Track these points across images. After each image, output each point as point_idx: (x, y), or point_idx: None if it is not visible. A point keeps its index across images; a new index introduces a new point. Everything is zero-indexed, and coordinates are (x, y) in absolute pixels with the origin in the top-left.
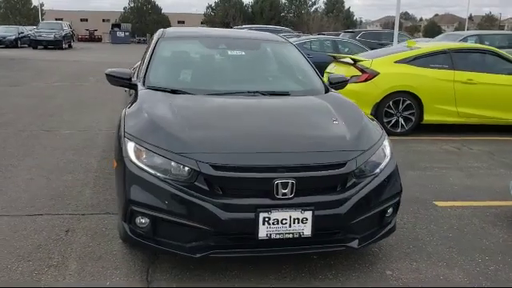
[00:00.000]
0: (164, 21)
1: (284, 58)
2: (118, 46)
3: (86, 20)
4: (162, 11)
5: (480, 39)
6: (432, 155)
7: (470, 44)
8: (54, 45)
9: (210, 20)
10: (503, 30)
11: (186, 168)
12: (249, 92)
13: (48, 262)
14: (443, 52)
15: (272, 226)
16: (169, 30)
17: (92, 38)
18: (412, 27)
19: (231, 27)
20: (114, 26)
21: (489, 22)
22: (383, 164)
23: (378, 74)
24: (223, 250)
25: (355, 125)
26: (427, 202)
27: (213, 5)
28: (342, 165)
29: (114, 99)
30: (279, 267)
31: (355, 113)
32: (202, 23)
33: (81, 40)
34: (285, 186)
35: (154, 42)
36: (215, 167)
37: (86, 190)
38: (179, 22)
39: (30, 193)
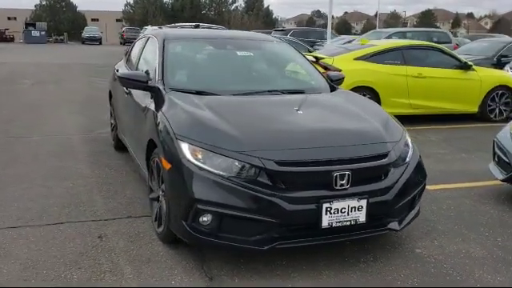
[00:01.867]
0: (79, 19)
1: (287, 57)
2: (35, 46)
3: None
4: (78, 9)
5: (403, 35)
6: None
7: (418, 41)
8: None
9: (128, 18)
10: (406, 26)
11: (249, 165)
12: (269, 91)
13: (100, 268)
14: (396, 49)
15: (333, 215)
16: (167, 31)
17: (3, 38)
18: (325, 25)
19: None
20: (28, 24)
21: (394, 19)
22: (410, 153)
23: (340, 70)
24: (288, 240)
25: (381, 118)
26: None
27: (131, 2)
28: (385, 155)
29: (63, 101)
30: (328, 254)
31: (375, 107)
32: (117, 20)
33: None
34: (342, 177)
35: (157, 43)
36: (279, 163)
37: (94, 196)
38: (93, 20)
39: (36, 202)
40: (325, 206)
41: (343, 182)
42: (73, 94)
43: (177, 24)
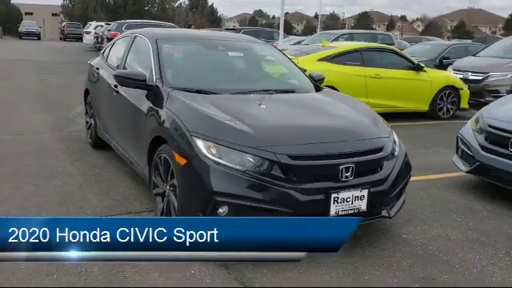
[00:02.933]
0: (14, 12)
1: (273, 58)
2: None
3: None
4: (11, 1)
5: (350, 37)
6: None
7: (376, 44)
8: None
9: (67, 12)
10: (344, 27)
11: (264, 159)
12: (264, 90)
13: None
14: (355, 51)
15: (340, 204)
16: (155, 30)
17: None
18: (266, 24)
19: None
20: None
21: (332, 20)
22: (397, 147)
23: (306, 71)
24: None
25: (371, 115)
26: None
27: None
28: (381, 149)
29: (20, 100)
30: None
31: (363, 105)
32: (54, 15)
33: None
34: (347, 169)
35: (149, 43)
36: (292, 157)
37: (87, 193)
38: (27, 14)
39: (31, 201)
40: (333, 196)
41: (348, 174)
42: (28, 93)
43: (127, 21)
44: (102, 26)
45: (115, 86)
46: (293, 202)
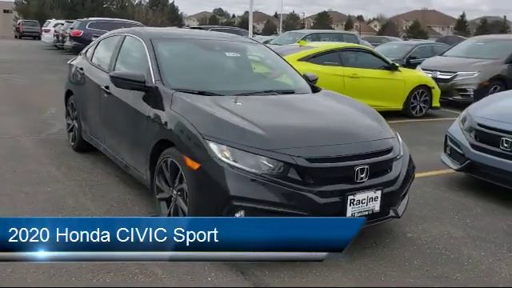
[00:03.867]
0: None
1: (270, 59)
2: None
3: None
4: None
5: (317, 37)
6: None
7: (353, 44)
8: None
9: (21, 9)
10: (304, 27)
11: (280, 162)
12: (265, 91)
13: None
14: (334, 51)
15: (355, 206)
16: (148, 30)
17: None
18: (227, 23)
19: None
20: None
21: (292, 20)
22: (401, 147)
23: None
24: None
25: (375, 116)
26: None
27: None
28: (390, 150)
29: None
30: None
31: (365, 106)
32: (5, 11)
33: None
34: (362, 171)
35: (143, 43)
36: (310, 160)
37: (81, 199)
38: None
39: (24, 209)
40: (349, 197)
41: (363, 175)
42: None
43: (90, 19)
44: (62, 24)
45: (106, 88)
46: (311, 205)
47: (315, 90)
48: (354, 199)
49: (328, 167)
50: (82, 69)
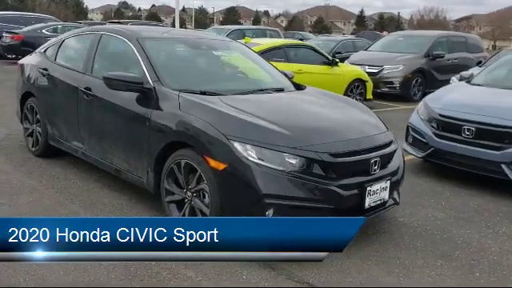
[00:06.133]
0: None
1: (251, 57)
2: None
3: None
4: None
5: (242, 32)
6: None
7: (296, 41)
8: None
9: None
10: (213, 22)
11: (305, 159)
12: (260, 90)
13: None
14: (279, 47)
15: (371, 196)
16: (130, 28)
17: None
18: (134, 16)
19: None
20: None
21: (202, 14)
22: (393, 139)
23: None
24: None
25: (368, 111)
26: None
27: None
28: (392, 142)
29: None
30: None
31: (354, 101)
32: None
33: None
34: (375, 163)
35: (129, 42)
36: (334, 155)
37: (71, 207)
38: None
39: None
40: (368, 189)
41: (376, 167)
42: None
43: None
44: None
45: (87, 89)
46: (336, 198)
47: (299, 87)
48: (370, 190)
49: (349, 161)
50: (46, 69)
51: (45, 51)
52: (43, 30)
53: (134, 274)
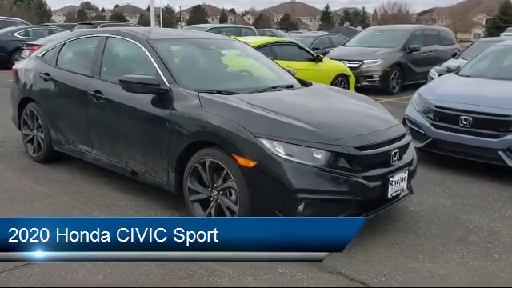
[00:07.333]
0: None
1: (254, 56)
2: None
3: None
4: None
5: (218, 31)
6: None
7: (283, 38)
8: None
9: None
10: (179, 21)
11: (332, 153)
12: (272, 87)
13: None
14: (267, 45)
15: (393, 186)
16: (138, 30)
17: None
18: (98, 17)
19: None
20: None
21: (168, 13)
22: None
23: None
24: (365, 213)
25: (378, 105)
26: None
27: None
28: (406, 134)
29: None
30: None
31: (365, 97)
32: None
33: None
34: (395, 154)
35: (139, 45)
36: (359, 148)
37: (88, 210)
38: None
39: None
40: (390, 179)
41: (395, 158)
42: None
43: None
44: None
45: (97, 92)
46: (363, 190)
47: (305, 83)
48: (392, 181)
49: (373, 153)
50: (47, 74)
51: (43, 55)
52: (15, 34)
53: (171, 273)
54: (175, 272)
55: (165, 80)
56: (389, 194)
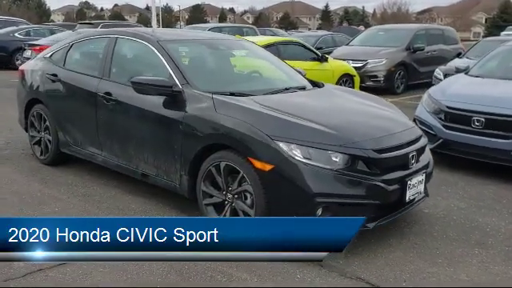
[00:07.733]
0: None
1: (265, 56)
2: None
3: None
4: None
5: (219, 30)
6: None
7: (289, 38)
8: None
9: None
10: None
11: (350, 156)
12: (285, 88)
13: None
14: (273, 44)
15: (411, 189)
16: (146, 31)
17: None
18: (97, 17)
19: None
20: None
21: (167, 13)
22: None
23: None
24: (383, 217)
25: (392, 106)
26: None
27: None
28: (421, 136)
29: None
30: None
31: (379, 98)
32: None
33: None
34: (413, 157)
35: (150, 46)
36: (378, 151)
37: (101, 215)
38: None
39: None
40: (408, 183)
41: (413, 161)
42: None
43: None
44: None
45: (107, 94)
46: (382, 193)
47: (317, 84)
48: (410, 184)
49: (392, 156)
50: (55, 75)
51: (50, 56)
52: (16, 34)
53: (187, 278)
54: (191, 279)
55: (177, 81)
56: (407, 198)
